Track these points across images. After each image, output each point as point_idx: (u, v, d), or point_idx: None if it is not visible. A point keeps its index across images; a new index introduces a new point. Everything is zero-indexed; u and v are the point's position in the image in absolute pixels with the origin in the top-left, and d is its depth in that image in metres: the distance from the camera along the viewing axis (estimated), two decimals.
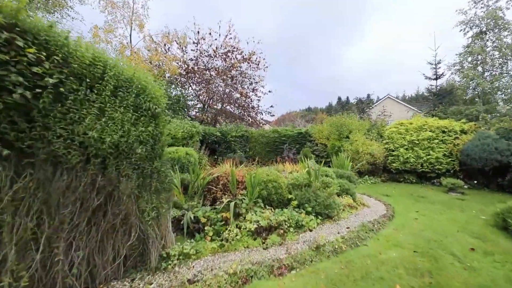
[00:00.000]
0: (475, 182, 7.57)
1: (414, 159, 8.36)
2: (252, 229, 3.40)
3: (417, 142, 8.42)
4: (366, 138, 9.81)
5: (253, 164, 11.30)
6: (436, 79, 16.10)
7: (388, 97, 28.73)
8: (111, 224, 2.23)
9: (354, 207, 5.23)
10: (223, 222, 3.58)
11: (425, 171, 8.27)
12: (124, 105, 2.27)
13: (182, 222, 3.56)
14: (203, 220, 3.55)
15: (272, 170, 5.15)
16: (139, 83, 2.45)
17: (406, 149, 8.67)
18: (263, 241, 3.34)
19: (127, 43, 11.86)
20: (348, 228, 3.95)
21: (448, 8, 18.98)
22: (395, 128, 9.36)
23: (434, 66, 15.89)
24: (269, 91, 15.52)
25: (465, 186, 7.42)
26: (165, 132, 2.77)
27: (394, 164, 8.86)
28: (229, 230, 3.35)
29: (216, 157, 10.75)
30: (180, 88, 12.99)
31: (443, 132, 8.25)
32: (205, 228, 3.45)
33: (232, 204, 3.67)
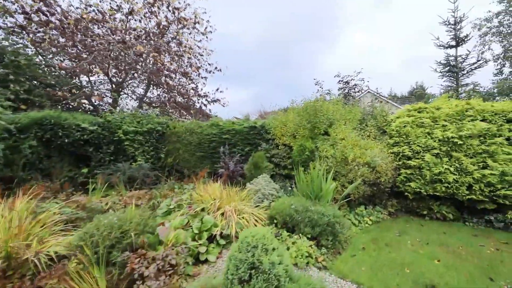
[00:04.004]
0: None
1: (454, 176, 4.21)
2: None
3: (459, 141, 4.28)
4: (359, 135, 5.54)
5: (166, 182, 6.49)
6: (456, 45, 11.15)
7: (369, 91, 25.61)
8: None
9: None
10: None
11: (474, 198, 4.16)
12: None
13: None
14: None
15: None
16: None
17: (437, 155, 4.50)
18: None
19: None
20: None
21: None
22: (410, 117, 5.19)
23: (452, 26, 10.93)
24: (216, 68, 10.76)
25: None
26: None
27: (411, 184, 4.65)
28: None
29: (86, 173, 5.71)
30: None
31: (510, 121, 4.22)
32: None
33: None
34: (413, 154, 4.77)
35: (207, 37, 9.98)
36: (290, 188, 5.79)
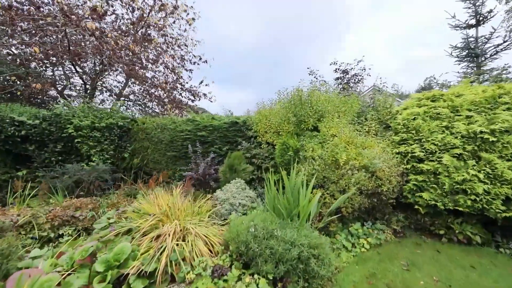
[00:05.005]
0: None
1: (485, 186, 3.05)
2: None
3: (491, 138, 3.12)
4: (356, 131, 4.41)
5: (131, 185, 5.47)
6: (476, 24, 9.45)
7: (373, 87, 24.21)
8: None
9: None
10: None
11: (508, 215, 2.99)
12: None
13: None
14: None
15: None
16: None
17: (459, 156, 3.34)
18: None
19: None
20: None
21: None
22: (421, 107, 4.03)
23: (471, 0, 9.14)
24: (201, 59, 9.71)
25: None
26: None
27: (424, 195, 3.49)
28: None
29: (23, 176, 4.72)
30: None
31: None
32: None
33: None
34: (425, 155, 3.61)
35: (189, 24, 8.95)
36: None
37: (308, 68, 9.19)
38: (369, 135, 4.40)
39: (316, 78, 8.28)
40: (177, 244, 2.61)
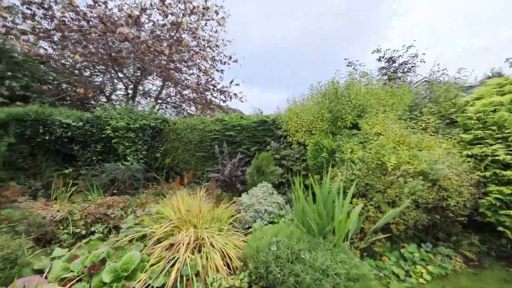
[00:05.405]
0: None
1: None
2: None
3: None
4: (409, 128, 3.59)
5: (165, 185, 5.56)
6: None
7: (426, 80, 21.16)
8: None
9: None
10: None
11: None
12: None
13: None
14: None
15: None
16: None
17: None
18: None
19: None
20: None
21: None
22: (503, 95, 3.03)
23: None
24: (231, 59, 9.58)
25: None
26: None
27: None
28: None
29: (67, 175, 5.13)
30: None
31: None
32: None
33: None
34: None
35: (220, 24, 8.91)
36: None
37: (345, 59, 8.23)
38: (426, 133, 3.53)
39: (355, 70, 7.34)
40: (192, 255, 2.34)
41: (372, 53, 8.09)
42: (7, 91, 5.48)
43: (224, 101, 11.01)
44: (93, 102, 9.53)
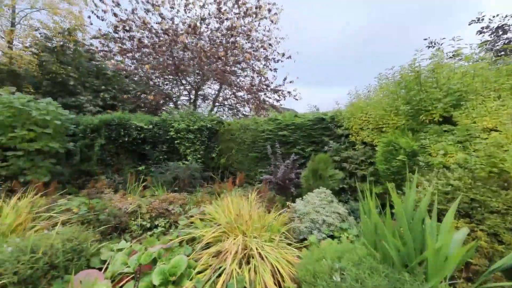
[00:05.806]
0: None
1: None
2: None
3: None
4: None
5: (219, 184, 5.74)
6: None
7: None
8: None
9: None
10: None
11: None
12: None
13: None
14: None
15: None
16: None
17: None
18: None
19: None
20: None
21: None
22: None
23: None
24: (284, 56, 9.18)
25: None
26: None
27: None
28: None
29: (140, 172, 5.83)
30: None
31: None
32: None
33: None
34: None
35: (273, 22, 8.70)
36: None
37: (425, 39, 6.63)
38: None
39: (442, 51, 5.76)
40: (239, 267, 2.13)
41: (469, 24, 6.24)
42: (101, 102, 6.86)
43: (278, 101, 10.78)
44: (164, 108, 10.87)
